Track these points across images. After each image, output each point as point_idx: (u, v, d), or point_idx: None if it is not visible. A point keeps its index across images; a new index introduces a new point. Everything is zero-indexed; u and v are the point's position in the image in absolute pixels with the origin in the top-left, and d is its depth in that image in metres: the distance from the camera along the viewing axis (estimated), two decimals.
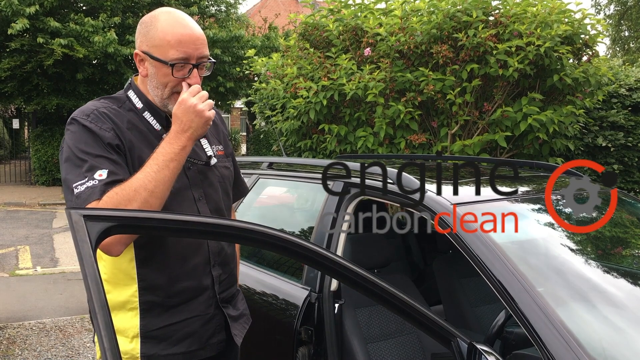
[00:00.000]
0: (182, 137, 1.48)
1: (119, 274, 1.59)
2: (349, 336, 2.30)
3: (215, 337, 1.69)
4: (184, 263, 1.60)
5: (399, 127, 4.63)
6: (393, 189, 2.12)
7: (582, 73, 4.38)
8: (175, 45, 1.52)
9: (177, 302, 1.60)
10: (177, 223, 1.23)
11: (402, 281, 2.79)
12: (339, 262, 1.36)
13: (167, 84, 1.57)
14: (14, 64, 12.78)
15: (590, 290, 1.81)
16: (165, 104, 1.60)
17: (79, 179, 1.45)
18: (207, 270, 1.65)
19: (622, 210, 2.43)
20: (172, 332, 1.60)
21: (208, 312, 1.66)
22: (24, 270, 6.74)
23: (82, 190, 1.43)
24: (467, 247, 1.75)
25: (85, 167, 1.46)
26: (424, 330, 1.45)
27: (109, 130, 1.52)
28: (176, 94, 1.57)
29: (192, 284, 1.61)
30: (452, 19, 4.46)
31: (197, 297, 1.63)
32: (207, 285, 1.65)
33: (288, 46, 5.78)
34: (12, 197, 12.94)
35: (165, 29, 1.54)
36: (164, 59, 1.53)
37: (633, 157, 5.55)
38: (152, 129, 1.61)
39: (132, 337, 1.59)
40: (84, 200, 1.42)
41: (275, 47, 14.90)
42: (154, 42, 1.55)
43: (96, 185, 1.43)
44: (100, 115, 1.54)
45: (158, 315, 1.59)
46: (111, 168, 1.47)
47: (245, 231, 1.29)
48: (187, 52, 1.53)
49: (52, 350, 4.27)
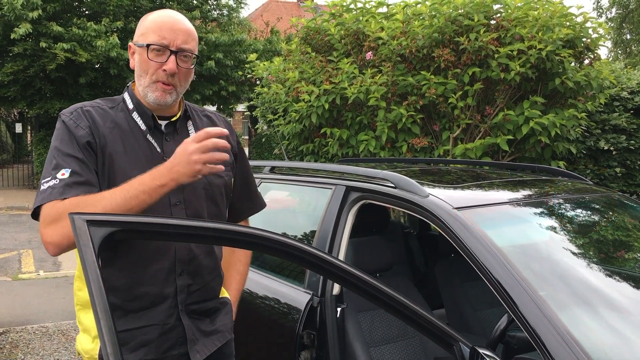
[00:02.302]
0: (165, 176, 1.44)
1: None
2: (351, 340, 2.30)
3: (176, 349, 1.60)
4: (145, 267, 1.56)
5: (401, 130, 4.64)
6: (395, 193, 2.12)
7: (584, 76, 4.38)
8: (155, 30, 1.56)
9: (136, 307, 1.56)
10: (180, 228, 1.24)
11: (404, 285, 2.79)
12: (341, 266, 1.36)
13: (147, 70, 1.58)
14: (17, 68, 12.82)
15: (592, 294, 1.80)
16: (146, 92, 1.59)
17: (47, 175, 1.49)
18: (170, 278, 1.58)
19: (624, 213, 2.42)
20: (129, 337, 1.55)
21: (168, 322, 1.58)
22: (26, 274, 6.75)
23: (44, 188, 1.47)
24: (469, 251, 1.75)
25: (53, 164, 1.50)
26: (426, 334, 1.45)
27: (85, 128, 1.53)
28: (158, 83, 1.57)
29: (152, 290, 1.56)
30: (453, 22, 4.46)
31: (157, 305, 1.57)
32: (168, 293, 1.58)
33: (290, 50, 5.79)
34: (15, 201, 12.96)
35: (154, 19, 1.60)
36: (144, 42, 1.57)
37: (635, 160, 5.54)
38: (138, 129, 1.61)
39: (93, 336, 1.59)
40: (43, 199, 1.46)
41: (277, 51, 14.91)
42: (140, 32, 1.60)
43: (56, 185, 1.46)
44: (81, 114, 1.57)
45: (118, 319, 1.54)
46: (75, 168, 1.48)
47: (247, 236, 1.29)
48: (165, 37, 1.55)
49: (54, 354, 4.27)
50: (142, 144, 1.59)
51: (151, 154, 1.59)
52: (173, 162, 1.45)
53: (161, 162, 1.53)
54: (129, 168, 1.54)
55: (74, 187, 1.46)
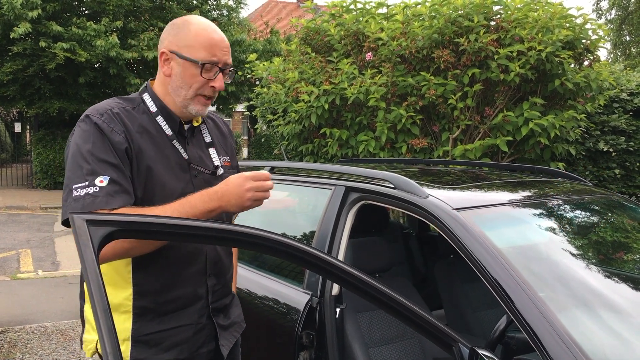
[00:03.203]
0: (215, 202, 1.47)
1: (115, 276, 1.58)
2: (350, 341, 2.30)
3: (205, 346, 1.67)
4: (180, 271, 1.59)
5: (401, 131, 4.64)
6: (395, 194, 2.12)
7: (584, 78, 4.38)
8: (207, 47, 1.56)
9: (170, 309, 1.60)
10: (181, 228, 1.24)
11: (404, 285, 2.79)
12: (340, 267, 1.36)
13: (192, 84, 1.58)
14: (16, 67, 12.81)
15: (592, 295, 1.81)
16: (187, 104, 1.60)
17: (80, 180, 1.44)
18: (202, 280, 1.64)
19: (623, 215, 2.43)
20: (163, 338, 1.59)
21: (200, 321, 1.65)
22: (25, 274, 6.74)
23: (80, 194, 1.43)
24: (469, 252, 1.75)
25: (87, 169, 1.45)
26: (425, 335, 1.45)
27: (120, 133, 1.51)
28: (200, 97, 1.60)
29: (186, 292, 1.61)
30: (453, 23, 4.47)
31: (190, 305, 1.62)
32: (201, 294, 1.64)
33: (289, 50, 5.79)
34: (13, 200, 12.96)
35: (199, 31, 1.58)
36: (195, 59, 1.56)
37: (634, 162, 5.55)
38: (164, 134, 1.60)
39: (122, 340, 1.58)
40: (84, 206, 1.41)
41: (277, 51, 14.92)
42: (185, 42, 1.57)
43: (97, 194, 1.42)
44: (113, 116, 1.53)
45: (151, 321, 1.58)
46: (113, 175, 1.46)
47: (247, 236, 1.29)
48: (216, 56, 1.58)
49: (53, 354, 4.27)
50: (170, 150, 1.60)
51: (179, 160, 1.61)
52: (224, 191, 1.48)
53: (187, 167, 1.60)
54: (166, 177, 1.56)
55: (115, 196, 1.44)
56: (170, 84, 1.61)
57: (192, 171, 1.61)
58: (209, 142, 1.73)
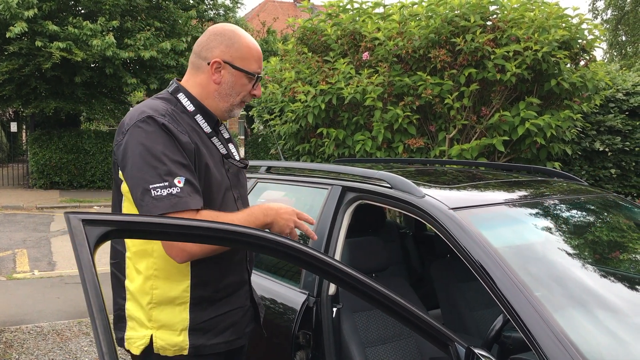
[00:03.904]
0: (271, 217, 1.64)
1: (172, 270, 1.63)
2: (346, 340, 2.30)
3: (249, 326, 1.84)
4: (229, 260, 1.71)
5: (397, 131, 4.64)
6: (391, 194, 2.13)
7: (580, 78, 4.39)
8: (257, 60, 1.72)
9: (222, 295, 1.72)
10: (176, 227, 1.23)
11: (400, 285, 2.79)
12: (337, 266, 1.36)
13: (241, 92, 1.72)
14: (12, 67, 12.76)
15: (588, 294, 1.81)
16: (232, 109, 1.74)
17: (157, 180, 1.49)
18: (245, 266, 1.79)
19: (619, 214, 2.43)
20: (217, 323, 1.71)
21: (246, 303, 1.81)
22: (21, 274, 6.72)
23: (162, 194, 1.48)
24: (465, 251, 1.75)
25: (162, 169, 1.49)
26: (421, 335, 1.46)
27: (185, 134, 1.58)
28: (243, 102, 1.74)
29: (236, 279, 1.75)
30: (450, 23, 4.47)
31: (238, 290, 1.77)
32: (246, 279, 1.80)
33: (286, 50, 5.79)
34: (9, 200, 12.92)
35: (250, 45, 1.71)
36: (250, 71, 1.70)
37: (630, 162, 5.57)
38: (203, 132, 1.69)
39: (180, 330, 1.65)
40: (170, 206, 1.48)
41: (274, 51, 14.92)
42: (239, 54, 1.69)
43: (179, 194, 1.49)
44: (174, 117, 1.60)
45: (205, 309, 1.68)
46: (187, 176, 1.53)
47: (244, 235, 1.29)
48: (260, 67, 1.74)
49: (49, 354, 4.26)
50: (213, 148, 1.70)
51: (220, 156, 1.73)
52: (279, 210, 1.65)
53: (222, 161, 1.72)
54: (216, 173, 1.67)
55: (193, 195, 1.52)
56: (218, 90, 1.70)
57: (226, 165, 1.74)
58: (228, 138, 1.84)
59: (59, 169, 14.64)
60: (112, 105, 15.04)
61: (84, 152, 14.80)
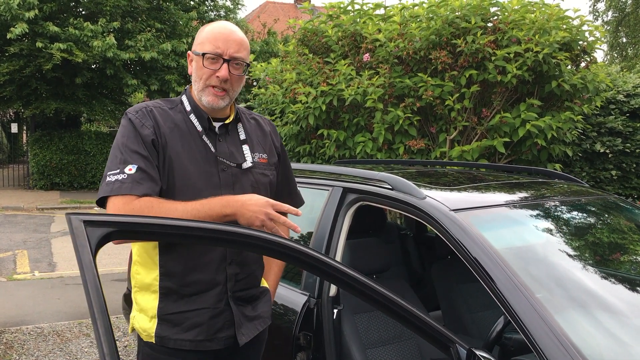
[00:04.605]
0: (233, 208, 1.59)
1: (147, 258, 1.74)
2: (347, 342, 2.30)
3: (224, 332, 1.76)
4: (200, 256, 1.71)
5: (398, 132, 4.64)
6: (392, 195, 2.13)
7: (580, 79, 4.40)
8: (211, 40, 1.71)
9: (190, 291, 1.72)
10: (177, 229, 1.24)
11: (401, 286, 2.79)
12: (337, 268, 1.36)
13: (201, 76, 1.73)
14: (13, 68, 12.76)
15: (588, 296, 1.81)
16: (200, 96, 1.74)
17: (114, 168, 1.63)
18: (222, 267, 1.74)
19: (620, 216, 2.43)
20: (184, 319, 1.71)
21: (218, 306, 1.74)
22: (21, 275, 6.72)
23: (111, 180, 1.60)
24: (466, 253, 1.75)
25: (120, 158, 1.64)
26: (422, 336, 1.46)
27: (149, 127, 1.68)
28: (209, 87, 1.72)
29: (205, 277, 1.72)
30: (450, 25, 4.48)
31: (208, 290, 1.73)
32: (219, 280, 1.74)
33: (287, 51, 5.79)
34: (10, 201, 12.92)
35: (209, 30, 1.75)
36: (200, 51, 1.72)
37: (631, 163, 5.56)
38: (195, 130, 1.75)
39: (150, 316, 1.74)
40: (112, 190, 1.58)
41: (274, 52, 14.91)
42: (197, 41, 1.76)
43: (125, 180, 1.59)
44: (146, 113, 1.71)
45: (174, 302, 1.72)
46: (141, 164, 1.62)
47: (244, 237, 1.29)
48: (219, 47, 1.70)
49: (49, 355, 4.26)
50: (199, 144, 1.74)
51: (206, 153, 1.74)
52: (244, 202, 1.60)
53: (215, 160, 1.73)
54: (187, 165, 1.70)
55: (141, 182, 1.60)
56: (192, 81, 1.78)
57: (220, 165, 1.74)
58: (243, 139, 1.84)
59: (59, 170, 14.64)
60: (112, 106, 15.04)
61: (85, 153, 14.80)
